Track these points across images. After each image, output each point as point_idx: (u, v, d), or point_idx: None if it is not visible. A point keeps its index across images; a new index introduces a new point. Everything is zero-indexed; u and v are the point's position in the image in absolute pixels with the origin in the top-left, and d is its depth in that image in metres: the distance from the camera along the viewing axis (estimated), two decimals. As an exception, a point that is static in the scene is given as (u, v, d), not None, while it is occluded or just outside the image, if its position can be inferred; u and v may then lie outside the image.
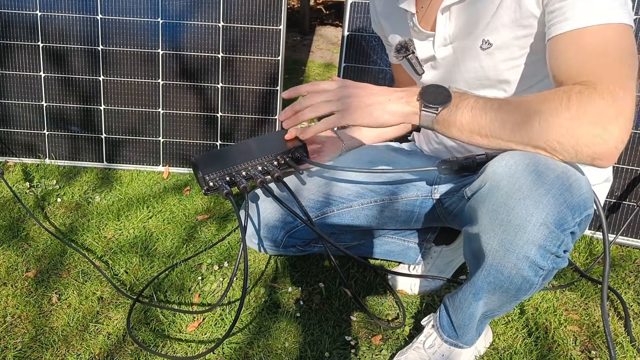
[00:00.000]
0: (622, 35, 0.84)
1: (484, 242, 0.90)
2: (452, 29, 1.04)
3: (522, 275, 0.89)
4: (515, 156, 0.86)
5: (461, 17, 1.02)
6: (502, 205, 0.86)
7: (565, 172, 0.84)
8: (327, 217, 1.21)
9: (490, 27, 0.98)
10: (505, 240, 0.87)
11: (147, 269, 1.47)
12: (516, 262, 0.87)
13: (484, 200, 0.89)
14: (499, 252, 0.88)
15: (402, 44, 1.13)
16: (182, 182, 1.94)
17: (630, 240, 1.64)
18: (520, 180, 0.84)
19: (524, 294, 0.93)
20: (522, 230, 0.84)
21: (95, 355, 1.19)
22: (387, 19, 1.22)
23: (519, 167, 0.84)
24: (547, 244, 0.85)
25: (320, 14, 4.62)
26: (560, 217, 0.83)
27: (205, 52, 1.92)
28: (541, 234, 0.84)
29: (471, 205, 0.94)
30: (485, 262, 0.92)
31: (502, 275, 0.91)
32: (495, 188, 0.87)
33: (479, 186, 0.91)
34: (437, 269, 1.42)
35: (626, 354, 1.23)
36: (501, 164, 0.87)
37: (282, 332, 1.27)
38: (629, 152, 1.61)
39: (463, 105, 0.88)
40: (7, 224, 1.64)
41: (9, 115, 1.97)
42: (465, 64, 1.05)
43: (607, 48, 0.83)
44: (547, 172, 0.83)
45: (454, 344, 1.10)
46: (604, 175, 1.14)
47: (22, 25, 1.90)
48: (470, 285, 1.00)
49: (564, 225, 0.84)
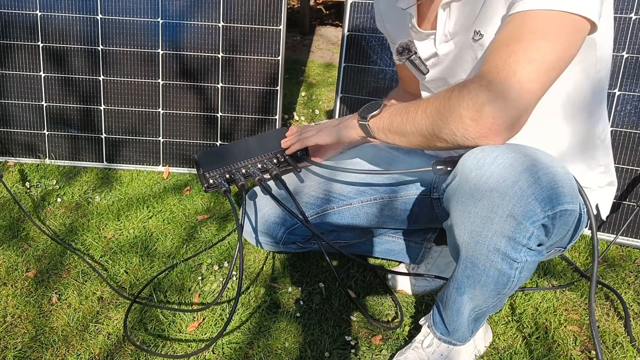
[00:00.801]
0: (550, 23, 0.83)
1: (457, 235, 0.92)
2: (452, 25, 1.04)
3: (497, 268, 0.89)
4: (485, 149, 0.87)
5: (460, 13, 1.02)
6: (470, 197, 0.87)
7: (535, 165, 0.84)
8: (327, 214, 1.21)
9: (480, 18, 0.98)
10: (474, 232, 0.88)
11: (147, 269, 1.47)
12: (487, 254, 0.88)
13: (454, 193, 0.91)
14: (470, 245, 0.90)
15: (404, 45, 1.13)
16: (182, 182, 1.94)
17: (630, 240, 1.64)
18: (487, 172, 0.85)
19: (504, 287, 0.93)
20: (489, 221, 0.85)
21: (95, 355, 1.19)
22: (389, 19, 1.22)
23: (487, 159, 0.85)
24: (516, 235, 0.85)
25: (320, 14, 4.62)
26: (528, 209, 0.83)
27: (205, 52, 1.92)
28: (509, 225, 0.84)
29: (446, 198, 0.96)
30: (461, 255, 0.94)
31: (477, 268, 0.92)
32: (464, 181, 0.88)
33: (451, 179, 0.93)
34: (437, 268, 1.42)
35: (626, 354, 1.23)
36: (470, 157, 0.88)
37: (282, 332, 1.27)
38: (629, 152, 1.62)
39: (386, 113, 1.01)
40: (7, 224, 1.64)
41: (9, 115, 1.97)
42: (463, 57, 1.05)
43: (518, 35, 0.84)
44: (515, 165, 0.84)
45: (447, 341, 1.10)
46: (606, 179, 1.13)
47: (22, 25, 1.90)
48: (453, 280, 1.01)
49: (532, 218, 0.84)
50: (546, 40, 0.83)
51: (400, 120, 0.97)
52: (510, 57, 0.83)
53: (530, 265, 0.90)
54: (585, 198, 0.92)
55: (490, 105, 0.83)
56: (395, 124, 0.98)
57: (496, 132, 0.86)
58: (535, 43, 0.83)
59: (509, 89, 0.82)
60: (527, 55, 0.82)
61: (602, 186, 1.13)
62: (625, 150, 1.62)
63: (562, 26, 0.83)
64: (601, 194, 1.13)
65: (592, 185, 1.10)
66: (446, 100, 0.89)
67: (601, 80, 1.02)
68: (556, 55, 0.83)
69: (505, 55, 0.84)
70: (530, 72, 0.82)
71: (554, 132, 1.03)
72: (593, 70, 0.99)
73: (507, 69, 0.83)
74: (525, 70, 0.82)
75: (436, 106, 0.91)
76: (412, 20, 1.09)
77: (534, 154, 0.86)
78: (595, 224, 0.92)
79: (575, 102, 1.01)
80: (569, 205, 0.87)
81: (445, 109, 0.88)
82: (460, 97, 0.87)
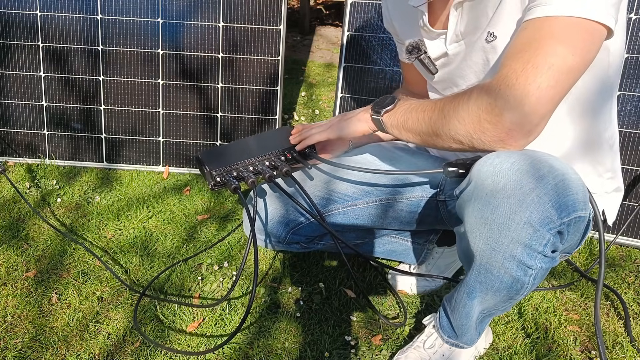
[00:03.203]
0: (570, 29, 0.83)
1: (471, 242, 0.91)
2: (463, 26, 1.04)
3: (511, 275, 0.89)
4: (501, 155, 0.86)
5: (472, 13, 1.02)
6: (487, 204, 0.86)
7: (551, 172, 0.84)
8: (331, 214, 1.21)
9: (494, 19, 0.97)
10: (490, 239, 0.87)
11: (147, 269, 1.47)
12: (503, 262, 0.88)
13: (469, 199, 0.90)
14: (486, 252, 0.89)
15: (414, 44, 1.13)
16: (182, 182, 1.94)
17: (630, 240, 1.64)
18: (504, 178, 0.84)
19: (516, 293, 0.93)
20: (506, 228, 0.85)
21: (95, 355, 1.19)
22: (398, 18, 1.21)
23: (503, 165, 0.85)
24: (532, 242, 0.85)
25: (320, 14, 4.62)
26: (545, 215, 0.83)
27: (205, 52, 1.92)
28: (526, 232, 0.84)
29: (459, 205, 0.95)
30: (475, 261, 0.93)
31: (492, 275, 0.91)
32: (480, 187, 0.87)
33: (466, 185, 0.92)
34: (437, 269, 1.42)
35: (626, 354, 1.23)
36: (487, 163, 0.87)
37: (282, 332, 1.27)
38: (629, 152, 1.62)
39: (401, 109, 1.00)
40: (7, 224, 1.64)
41: (9, 115, 1.97)
42: (473, 58, 1.05)
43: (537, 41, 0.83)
44: (532, 171, 0.83)
45: (455, 344, 1.10)
46: (613, 185, 1.13)
47: (22, 25, 1.90)
48: (464, 285, 1.00)
49: (549, 225, 0.84)
50: (565, 46, 0.82)
51: (415, 118, 0.97)
52: (529, 63, 0.83)
53: (544, 271, 0.90)
54: (594, 205, 0.91)
55: (510, 110, 0.83)
56: (410, 122, 0.98)
57: (514, 138, 0.85)
58: (555, 49, 0.82)
59: (528, 95, 0.82)
60: (547, 61, 0.82)
61: (609, 192, 1.12)
62: (625, 150, 1.62)
63: (580, 32, 0.83)
64: (608, 199, 1.13)
65: (600, 190, 1.10)
66: (464, 103, 0.88)
67: (612, 86, 1.02)
68: (575, 61, 0.83)
69: (524, 60, 0.83)
70: (550, 79, 0.82)
71: (562, 136, 1.03)
72: (604, 76, 0.98)
73: (526, 74, 0.82)
74: (545, 76, 0.82)
75: (454, 107, 0.90)
76: (423, 18, 1.09)
77: (549, 160, 0.86)
78: (603, 231, 0.92)
79: (584, 106, 1.00)
80: (582, 212, 0.87)
81: (464, 111, 0.88)
82: (479, 100, 0.86)
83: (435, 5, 1.07)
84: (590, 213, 0.96)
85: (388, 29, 1.29)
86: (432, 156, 1.30)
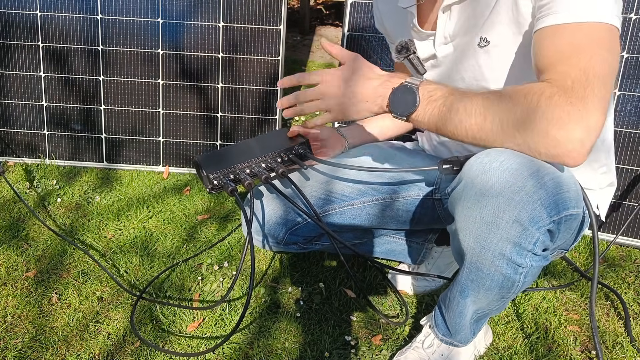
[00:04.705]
0: (602, 34, 0.83)
1: (461, 240, 0.91)
2: (452, 28, 1.04)
3: (502, 273, 0.89)
4: (491, 154, 0.86)
5: (461, 16, 1.02)
6: (476, 202, 0.86)
7: (540, 170, 0.84)
8: (328, 214, 1.21)
9: (487, 24, 0.98)
10: (480, 237, 0.87)
11: (147, 269, 1.47)
12: (493, 260, 0.88)
13: (460, 197, 0.90)
14: (476, 250, 0.89)
15: (403, 44, 1.13)
16: (182, 182, 1.94)
17: (630, 240, 1.64)
18: (493, 177, 0.84)
19: (508, 292, 0.93)
20: (495, 227, 0.85)
21: (95, 355, 1.19)
22: (389, 18, 1.22)
23: (493, 164, 0.85)
24: (521, 241, 0.85)
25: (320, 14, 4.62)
26: (534, 214, 0.83)
27: (206, 52, 1.92)
28: (515, 231, 0.84)
29: (451, 202, 0.95)
30: (465, 259, 0.93)
31: (482, 273, 0.92)
32: (469, 185, 0.87)
33: (457, 183, 0.92)
34: (437, 269, 1.42)
35: (626, 354, 1.23)
36: (477, 161, 0.87)
37: (282, 332, 1.27)
38: (629, 152, 1.62)
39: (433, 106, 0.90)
40: (7, 224, 1.64)
41: (9, 115, 1.97)
42: (463, 62, 1.05)
43: (582, 46, 0.83)
44: (521, 170, 0.83)
45: (449, 342, 1.10)
46: (608, 180, 1.13)
47: (22, 25, 1.90)
48: (456, 283, 1.01)
49: (538, 223, 0.84)
50: (607, 51, 0.83)
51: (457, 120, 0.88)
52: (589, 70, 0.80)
53: (535, 270, 0.90)
54: (588, 202, 0.91)
55: (581, 129, 0.79)
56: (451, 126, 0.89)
57: (575, 158, 0.81)
58: (602, 55, 0.82)
59: (595, 110, 0.79)
60: (603, 69, 0.81)
61: (603, 187, 1.13)
62: (625, 150, 1.62)
63: (611, 36, 0.84)
64: (602, 194, 1.13)
65: (594, 186, 1.10)
66: (525, 111, 0.82)
67: None
68: (616, 66, 0.84)
69: (581, 66, 0.81)
70: (605, 90, 0.81)
71: None
72: None
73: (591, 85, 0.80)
74: (601, 88, 0.81)
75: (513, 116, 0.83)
76: (413, 19, 1.09)
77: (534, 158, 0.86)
78: (596, 225, 0.92)
79: None
80: (574, 210, 0.87)
81: (529, 121, 0.81)
82: (547, 112, 0.80)
83: (424, 7, 1.08)
84: (584, 210, 0.96)
85: (379, 29, 1.29)
86: (429, 155, 1.30)
